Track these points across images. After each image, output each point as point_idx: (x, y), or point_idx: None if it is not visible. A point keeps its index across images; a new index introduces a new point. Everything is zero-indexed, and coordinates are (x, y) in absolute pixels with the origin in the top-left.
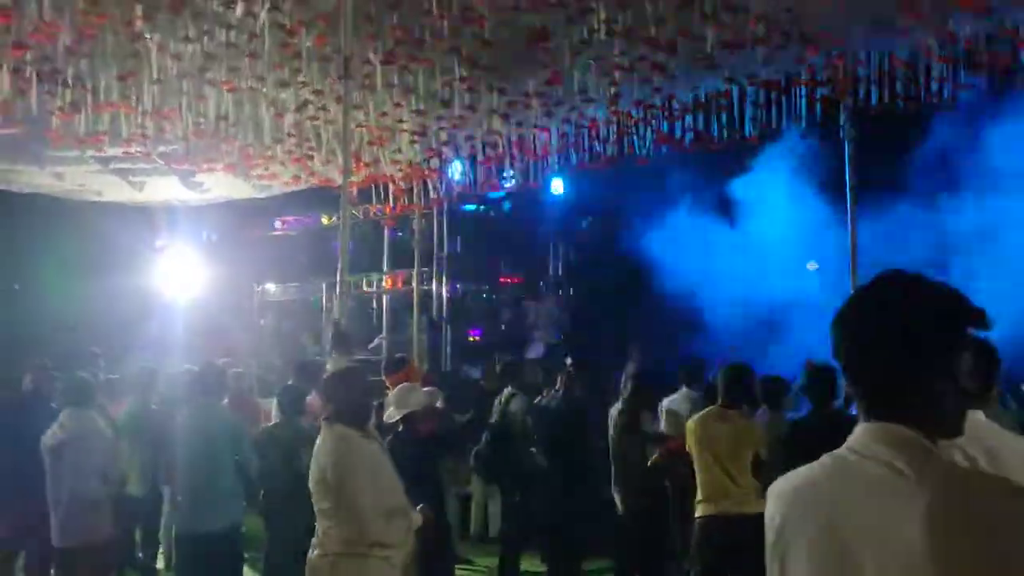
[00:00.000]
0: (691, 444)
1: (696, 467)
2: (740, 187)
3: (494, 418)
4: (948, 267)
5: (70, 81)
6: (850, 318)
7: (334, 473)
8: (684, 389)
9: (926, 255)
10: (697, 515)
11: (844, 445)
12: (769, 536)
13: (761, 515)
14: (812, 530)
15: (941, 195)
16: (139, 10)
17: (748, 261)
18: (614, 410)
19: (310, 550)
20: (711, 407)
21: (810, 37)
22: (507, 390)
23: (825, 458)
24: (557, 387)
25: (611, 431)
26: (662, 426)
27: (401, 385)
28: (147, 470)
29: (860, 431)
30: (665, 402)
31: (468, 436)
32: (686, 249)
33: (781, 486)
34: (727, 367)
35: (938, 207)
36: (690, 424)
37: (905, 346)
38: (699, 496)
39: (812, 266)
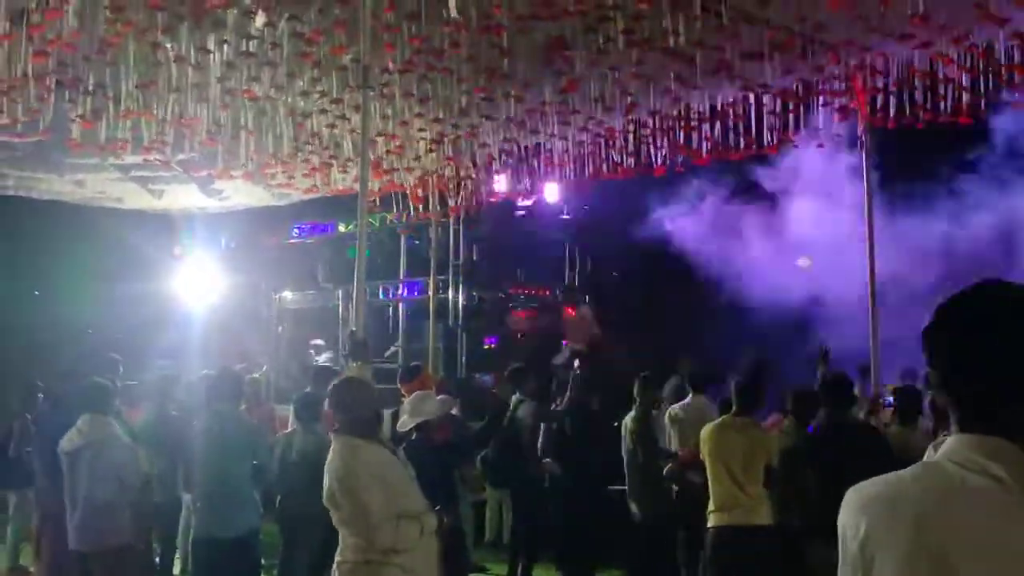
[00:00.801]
0: (705, 453)
1: (709, 476)
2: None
3: (504, 425)
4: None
5: (91, 89)
6: (949, 327)
7: (340, 483)
8: (691, 396)
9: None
10: (709, 525)
11: (939, 455)
12: (850, 546)
13: (770, 526)
14: (904, 542)
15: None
16: (160, 20)
17: (780, 258)
18: (628, 418)
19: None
20: (725, 416)
21: (828, 46)
22: (515, 396)
23: (916, 468)
24: (567, 393)
25: (626, 439)
26: (667, 431)
27: (415, 393)
28: (165, 476)
29: (956, 442)
30: (674, 408)
31: (483, 443)
32: (711, 251)
33: (865, 494)
34: (741, 380)
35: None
36: (704, 433)
37: (1009, 358)
38: (711, 506)
39: (804, 262)
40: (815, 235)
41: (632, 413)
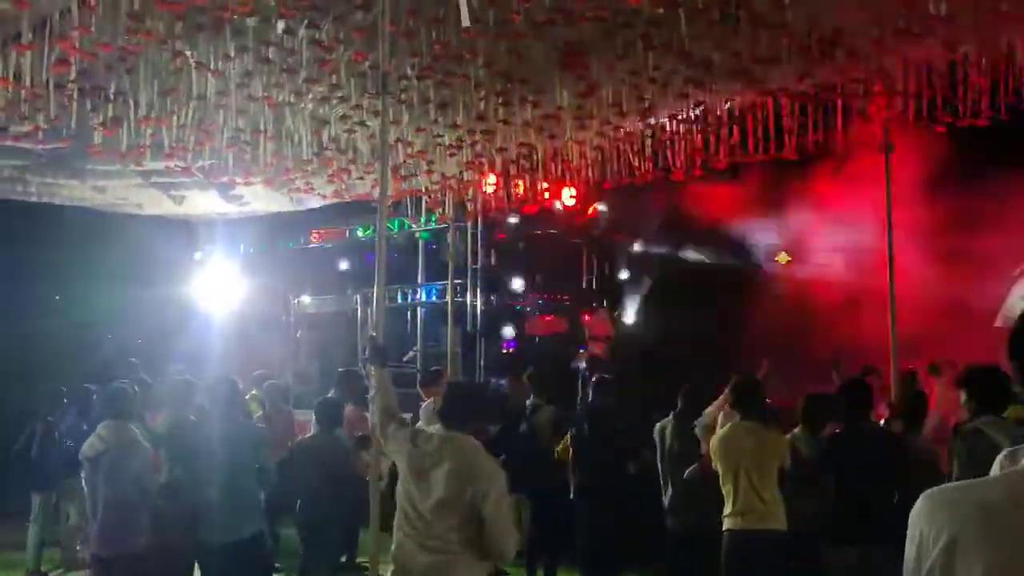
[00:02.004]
0: (716, 461)
1: (722, 482)
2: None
3: (521, 429)
4: None
5: (112, 96)
6: None
7: (484, 482)
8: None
9: None
10: (723, 528)
11: None
12: (930, 552)
13: (785, 532)
14: (997, 556)
15: None
16: (180, 28)
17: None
18: (666, 428)
19: (407, 554)
20: (733, 422)
21: (848, 49)
22: (530, 401)
23: (1009, 475)
24: (586, 398)
25: (666, 445)
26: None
27: (431, 399)
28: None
29: None
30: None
31: (500, 448)
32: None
33: (951, 498)
34: (736, 381)
35: None
36: (713, 442)
37: None
38: (726, 510)
39: (783, 259)
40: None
41: (671, 420)
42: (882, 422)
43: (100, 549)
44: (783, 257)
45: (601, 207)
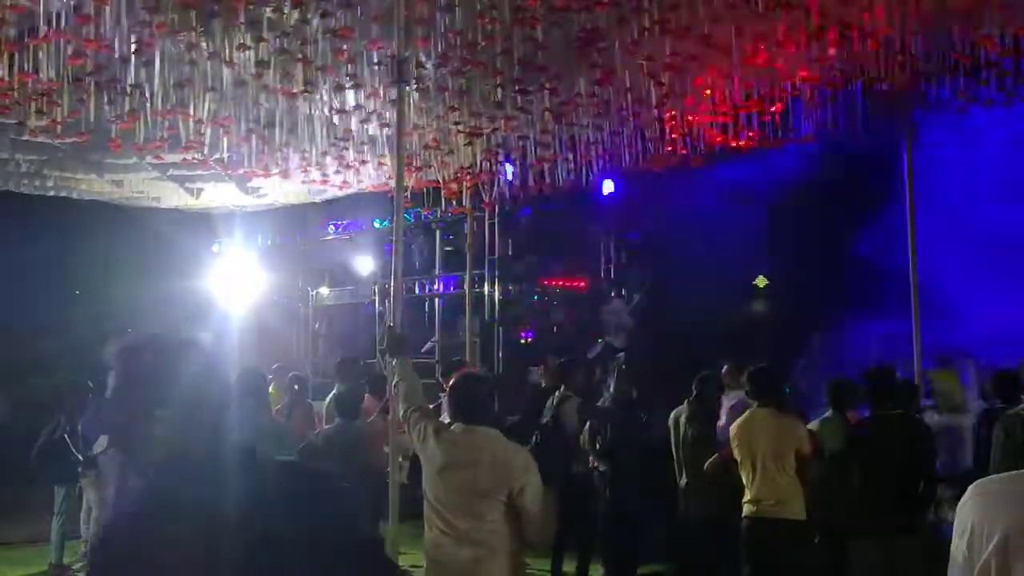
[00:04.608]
0: (736, 449)
1: (740, 469)
2: None
3: (545, 419)
4: None
5: (128, 89)
6: None
7: (521, 476)
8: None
9: None
10: (743, 515)
11: None
12: (983, 549)
13: (802, 521)
14: None
15: None
16: (195, 19)
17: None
18: (681, 415)
19: (445, 550)
20: (751, 409)
21: (869, 31)
22: (559, 391)
23: None
24: (610, 388)
25: (681, 432)
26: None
27: None
28: None
29: None
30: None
31: (518, 437)
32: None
33: (1002, 491)
34: (753, 368)
35: None
36: (733, 428)
37: None
38: (745, 496)
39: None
40: None
41: (686, 409)
42: None
43: None
44: (761, 280)
45: (618, 192)
